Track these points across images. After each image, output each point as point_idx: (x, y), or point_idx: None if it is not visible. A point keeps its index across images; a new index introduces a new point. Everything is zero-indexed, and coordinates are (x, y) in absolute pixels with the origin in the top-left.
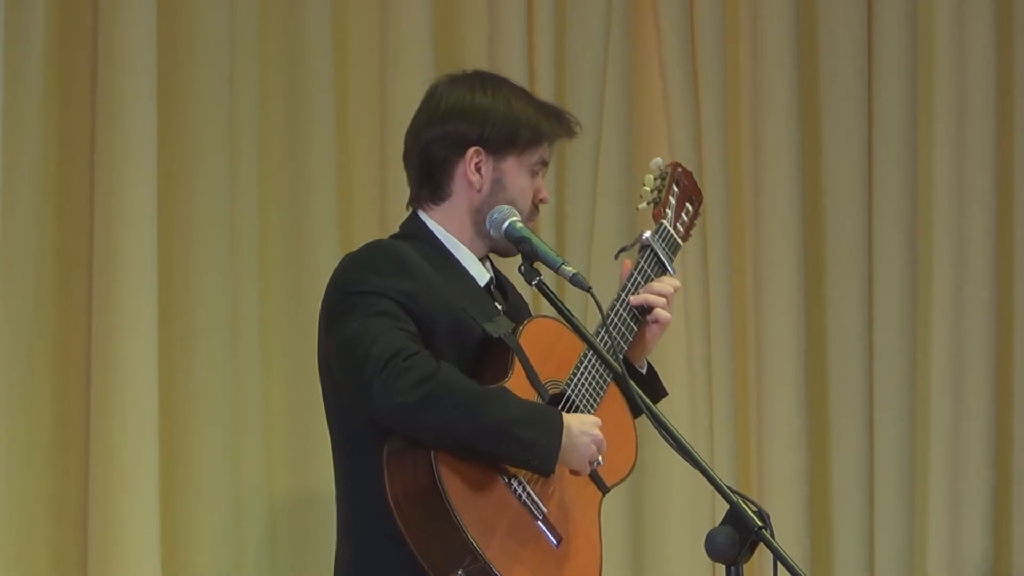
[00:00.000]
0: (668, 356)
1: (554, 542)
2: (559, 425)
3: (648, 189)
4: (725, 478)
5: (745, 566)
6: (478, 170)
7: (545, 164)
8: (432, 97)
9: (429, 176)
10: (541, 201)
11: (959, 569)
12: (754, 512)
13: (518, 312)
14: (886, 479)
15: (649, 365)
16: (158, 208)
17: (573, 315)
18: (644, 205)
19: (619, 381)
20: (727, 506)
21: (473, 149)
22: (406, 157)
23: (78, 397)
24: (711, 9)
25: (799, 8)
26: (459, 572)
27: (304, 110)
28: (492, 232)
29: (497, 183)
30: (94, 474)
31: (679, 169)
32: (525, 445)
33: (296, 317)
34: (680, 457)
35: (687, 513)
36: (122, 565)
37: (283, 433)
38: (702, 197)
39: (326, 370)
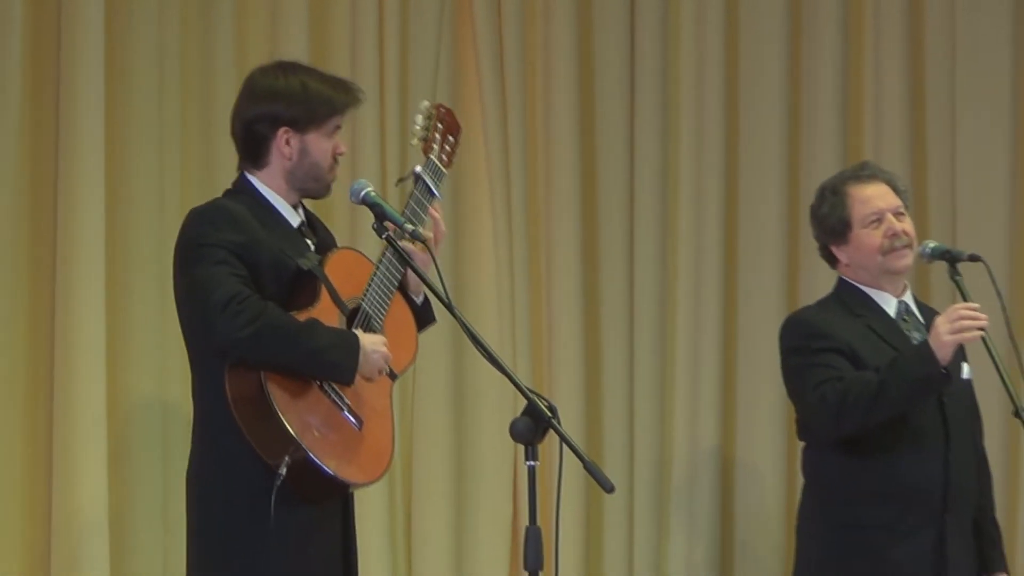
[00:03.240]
0: (482, 294)
1: (356, 425)
2: (356, 347)
3: (418, 128)
4: (524, 380)
5: (539, 446)
6: (288, 143)
7: (339, 127)
8: (248, 83)
9: (252, 148)
10: (340, 154)
11: (697, 446)
12: (546, 406)
13: (326, 244)
14: (643, 381)
15: (424, 297)
16: (105, 201)
17: (410, 258)
18: (415, 142)
19: (431, 288)
20: (526, 402)
21: (283, 129)
22: (233, 133)
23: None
24: (515, 28)
25: (579, 23)
26: (286, 458)
27: (215, 118)
28: (352, 199)
29: (304, 152)
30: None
31: (442, 109)
32: (332, 366)
33: None
34: (490, 365)
35: (496, 408)
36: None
37: None
38: (460, 129)
39: (181, 303)
